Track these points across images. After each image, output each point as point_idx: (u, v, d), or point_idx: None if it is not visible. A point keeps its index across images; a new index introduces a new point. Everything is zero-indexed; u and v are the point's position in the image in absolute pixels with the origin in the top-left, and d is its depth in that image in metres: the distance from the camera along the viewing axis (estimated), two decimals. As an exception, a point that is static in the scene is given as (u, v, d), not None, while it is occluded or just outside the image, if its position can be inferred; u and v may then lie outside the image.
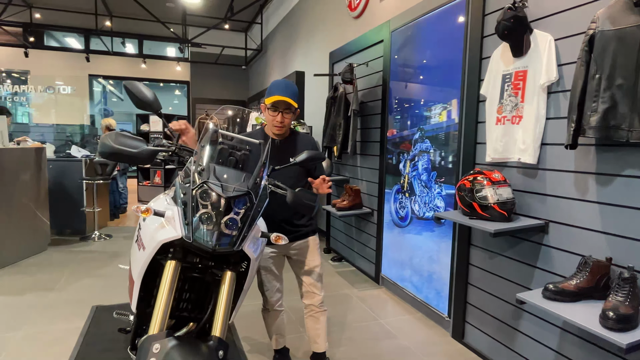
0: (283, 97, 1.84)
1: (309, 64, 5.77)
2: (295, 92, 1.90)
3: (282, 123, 1.91)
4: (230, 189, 1.28)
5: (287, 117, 1.90)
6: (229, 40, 9.28)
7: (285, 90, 1.87)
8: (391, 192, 3.43)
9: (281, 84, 1.91)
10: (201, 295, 1.52)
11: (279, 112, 1.89)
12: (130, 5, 7.74)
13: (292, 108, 1.90)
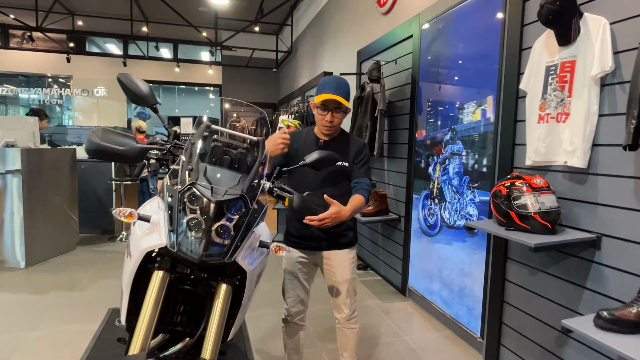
0: (333, 96, 1.71)
1: (337, 64, 5.60)
2: (347, 90, 1.78)
3: (331, 123, 1.77)
4: (221, 192, 1.12)
5: (337, 116, 1.77)
6: (260, 43, 9.29)
7: (337, 88, 1.74)
8: (419, 198, 3.19)
9: (332, 81, 1.78)
10: (198, 308, 1.38)
11: (328, 112, 1.76)
12: (165, 11, 7.89)
13: (343, 107, 1.76)
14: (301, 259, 1.91)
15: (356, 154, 1.85)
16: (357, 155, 1.85)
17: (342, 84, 1.78)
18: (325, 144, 1.84)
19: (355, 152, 1.85)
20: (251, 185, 1.20)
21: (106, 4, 8.07)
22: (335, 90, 1.73)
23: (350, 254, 1.90)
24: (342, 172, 1.83)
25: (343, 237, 1.87)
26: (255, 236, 1.27)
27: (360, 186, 1.82)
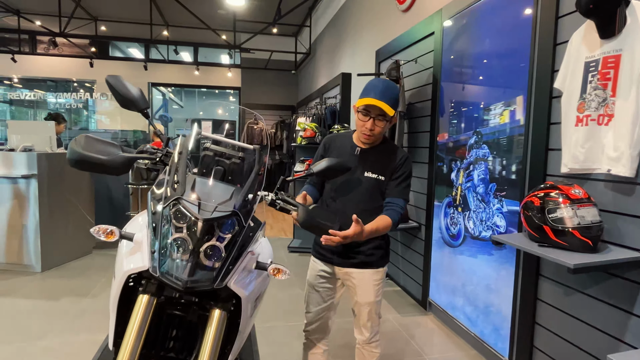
0: (376, 102, 1.53)
1: (356, 64, 5.44)
2: (394, 96, 1.59)
3: (371, 131, 1.60)
4: (210, 208, 0.99)
5: (379, 125, 1.59)
6: (278, 45, 9.22)
7: (382, 93, 1.55)
8: (441, 206, 2.99)
9: (378, 85, 1.59)
10: (192, 333, 1.25)
11: (370, 118, 1.58)
12: (185, 15, 7.91)
13: (387, 116, 1.58)
14: (323, 273, 1.77)
15: (395, 168, 1.66)
16: (395, 170, 1.66)
17: (389, 88, 1.59)
18: (362, 153, 1.68)
19: (395, 166, 1.66)
20: (245, 200, 1.06)
21: (128, 9, 8.17)
22: (381, 96, 1.55)
23: (376, 275, 1.71)
24: (376, 187, 1.65)
25: (369, 256, 1.70)
26: (252, 257, 1.13)
27: (391, 207, 1.63)
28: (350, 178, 1.66)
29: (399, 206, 1.64)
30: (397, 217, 1.62)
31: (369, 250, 1.69)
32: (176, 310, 1.14)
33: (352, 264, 1.71)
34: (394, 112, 1.57)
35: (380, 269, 1.73)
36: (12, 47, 9.28)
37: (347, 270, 1.72)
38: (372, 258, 1.70)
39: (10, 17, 8.30)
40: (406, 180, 1.69)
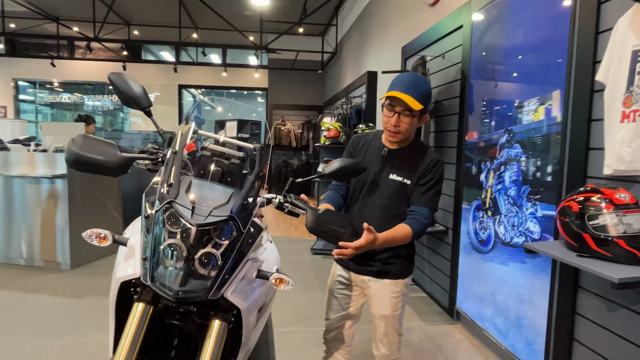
0: (400, 94, 1.40)
1: (382, 62, 5.29)
2: (422, 91, 1.44)
3: (396, 127, 1.46)
4: (204, 213, 0.92)
5: (404, 121, 1.44)
6: (305, 45, 9.17)
7: (408, 85, 1.42)
8: (470, 209, 2.81)
9: (406, 78, 1.47)
10: (194, 343, 1.18)
11: (394, 114, 1.45)
12: (213, 17, 8.00)
13: (415, 111, 1.43)
14: (341, 278, 1.67)
15: (423, 172, 1.50)
16: (423, 174, 1.50)
17: (417, 82, 1.46)
18: (389, 154, 1.55)
19: (423, 170, 1.50)
20: (244, 204, 0.97)
21: (159, 13, 8.35)
22: (406, 88, 1.41)
23: (395, 286, 1.57)
24: (401, 191, 1.52)
25: (387, 265, 1.56)
26: (252, 265, 1.04)
27: (414, 215, 1.48)
28: (375, 180, 1.55)
29: (423, 216, 1.49)
30: (419, 228, 1.47)
31: (387, 258, 1.57)
32: (175, 320, 1.07)
33: (369, 272, 1.60)
34: (421, 107, 1.42)
35: (399, 281, 1.59)
36: (52, 53, 9.71)
37: (363, 278, 1.62)
38: (391, 267, 1.57)
39: (50, 24, 8.67)
40: (435, 187, 1.53)
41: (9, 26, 8.94)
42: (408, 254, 1.62)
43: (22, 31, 8.96)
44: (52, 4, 8.11)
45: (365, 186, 1.57)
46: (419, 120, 1.51)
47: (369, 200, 1.57)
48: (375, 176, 1.56)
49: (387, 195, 1.54)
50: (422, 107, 1.44)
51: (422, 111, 1.47)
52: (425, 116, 1.52)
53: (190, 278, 0.91)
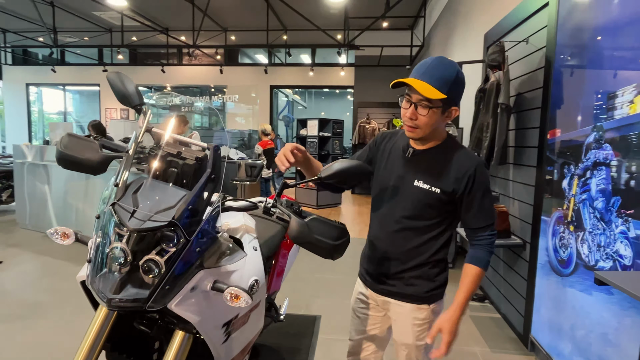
0: (414, 81, 1.16)
1: (466, 53, 4.81)
2: (445, 76, 1.17)
3: (412, 121, 1.22)
4: (144, 217, 0.85)
5: (422, 113, 1.19)
6: (392, 40, 8.86)
7: (427, 70, 1.17)
8: (549, 221, 2.36)
9: (427, 61, 1.21)
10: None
11: (410, 104, 1.21)
12: (302, 18, 8.18)
13: (434, 102, 1.17)
14: (362, 296, 1.49)
15: (463, 181, 1.24)
16: (469, 184, 1.23)
17: (440, 66, 1.18)
18: (414, 155, 1.31)
19: (461, 177, 1.23)
20: (190, 209, 0.88)
21: (251, 18, 8.82)
22: (422, 74, 1.17)
23: (419, 312, 1.34)
24: (426, 201, 1.27)
25: (408, 287, 1.34)
26: (207, 275, 0.95)
27: (477, 242, 1.27)
28: (397, 186, 1.33)
29: (487, 240, 1.26)
30: (488, 258, 1.26)
31: (409, 278, 1.34)
32: (142, 325, 1.04)
33: (388, 292, 1.39)
34: (442, 96, 1.15)
35: (424, 306, 1.34)
36: (163, 61, 10.94)
37: (384, 299, 1.41)
38: (413, 289, 1.34)
39: (161, 35, 9.76)
40: (488, 195, 1.27)
41: (131, 39, 10.31)
42: (436, 273, 1.36)
43: (140, 42, 10.25)
44: (163, 17, 9.11)
45: (386, 193, 1.36)
46: (443, 114, 1.23)
47: (389, 209, 1.35)
48: (398, 181, 1.33)
49: (411, 206, 1.30)
50: (445, 97, 1.16)
51: (446, 102, 1.19)
52: (453, 109, 1.24)
53: (130, 285, 0.86)
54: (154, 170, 0.99)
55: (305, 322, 2.85)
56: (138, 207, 0.88)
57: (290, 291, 3.47)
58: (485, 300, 3.36)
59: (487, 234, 1.27)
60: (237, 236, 1.18)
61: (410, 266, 1.33)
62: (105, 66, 10.26)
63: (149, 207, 0.89)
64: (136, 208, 0.87)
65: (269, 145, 6.14)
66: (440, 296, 1.39)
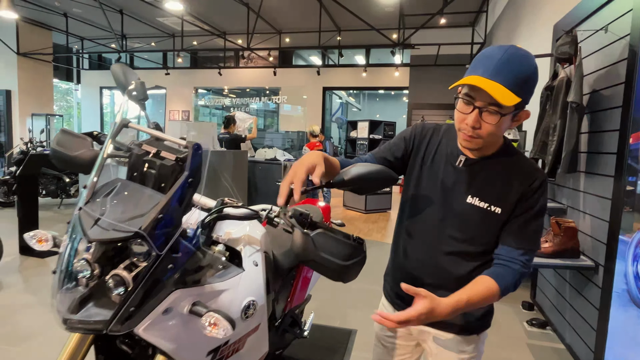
0: (484, 81, 0.90)
1: (532, 47, 4.33)
2: (522, 74, 0.92)
3: (475, 130, 0.97)
4: (109, 225, 0.73)
5: (490, 121, 0.94)
6: (450, 38, 8.39)
7: (498, 67, 0.90)
8: (630, 243, 1.97)
9: (495, 55, 0.93)
10: None
11: (473, 109, 0.95)
12: (355, 18, 8.01)
13: (506, 108, 0.92)
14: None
15: (522, 196, 1.02)
16: (522, 199, 1.02)
17: (514, 60, 0.91)
18: (467, 166, 1.07)
19: (523, 192, 1.01)
20: (166, 218, 0.75)
21: (305, 19, 8.80)
22: (495, 71, 0.90)
23: (466, 344, 1.13)
24: (484, 222, 1.04)
25: (456, 318, 1.07)
26: (184, 296, 0.81)
27: (504, 262, 1.01)
28: (444, 202, 1.09)
29: (519, 263, 1.00)
30: (511, 282, 0.99)
31: None
32: (124, 344, 0.92)
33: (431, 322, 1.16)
34: (517, 100, 0.90)
35: (472, 337, 1.13)
36: (220, 64, 11.30)
37: (421, 329, 1.19)
38: (463, 319, 1.11)
39: (219, 39, 10.07)
40: (538, 219, 1.03)
41: (192, 43, 10.76)
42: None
43: (199, 46, 10.66)
44: (220, 21, 9.39)
45: (429, 204, 1.11)
46: (512, 119, 0.99)
47: (433, 226, 1.10)
48: (445, 196, 1.08)
49: (463, 227, 1.06)
50: (520, 101, 0.91)
51: (518, 105, 0.92)
52: (524, 113, 0.99)
53: (93, 304, 0.74)
54: (130, 171, 0.88)
55: (338, 336, 2.67)
56: (105, 214, 0.77)
57: (326, 300, 3.30)
58: (547, 327, 2.95)
59: (520, 261, 1.00)
60: (238, 248, 1.04)
61: (454, 291, 1.10)
62: (167, 70, 10.80)
63: (117, 214, 0.77)
64: (100, 215, 0.76)
65: (317, 147, 6.04)
66: (489, 324, 1.17)
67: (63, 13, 9.08)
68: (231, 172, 4.79)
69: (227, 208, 0.99)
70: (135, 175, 0.91)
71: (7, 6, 6.08)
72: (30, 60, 9.50)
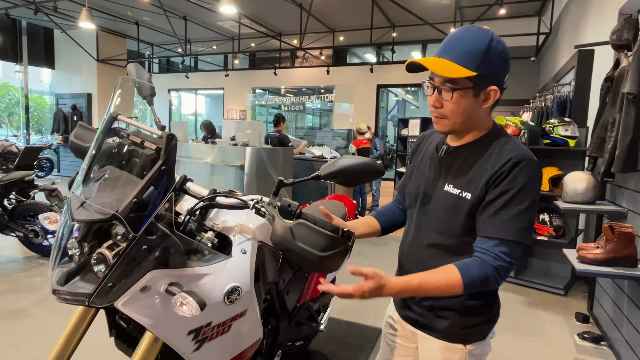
0: (430, 59, 0.94)
1: (602, 35, 3.94)
2: (472, 50, 0.92)
3: (437, 110, 0.99)
4: (92, 208, 0.80)
5: (447, 98, 0.95)
6: (513, 29, 7.87)
7: (446, 47, 0.95)
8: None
9: (454, 34, 0.97)
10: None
11: (433, 89, 0.98)
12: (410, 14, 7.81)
13: (460, 82, 0.93)
14: (391, 320, 1.26)
15: (492, 179, 0.95)
16: (493, 182, 0.95)
17: (461, 38, 0.94)
18: (447, 154, 1.06)
19: (492, 175, 0.95)
20: (136, 202, 0.81)
21: (359, 17, 8.75)
22: (443, 50, 0.95)
23: (450, 353, 1.06)
24: (458, 210, 1.00)
25: (439, 319, 1.07)
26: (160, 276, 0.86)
27: (478, 252, 0.95)
28: (427, 193, 1.08)
29: (494, 255, 0.92)
30: (478, 275, 0.91)
31: (439, 309, 1.06)
32: (122, 320, 1.00)
33: (415, 322, 1.13)
34: (469, 73, 0.91)
35: (459, 346, 1.05)
36: (276, 64, 11.61)
37: (412, 329, 1.16)
38: (445, 324, 1.06)
39: (275, 41, 10.36)
40: (514, 204, 0.92)
41: (250, 45, 11.18)
42: (480, 308, 1.05)
43: (257, 48, 11.05)
44: (276, 22, 9.65)
45: (418, 202, 1.11)
46: (477, 96, 0.95)
47: (418, 221, 1.11)
48: (428, 187, 1.08)
49: (441, 217, 1.04)
50: (475, 75, 0.91)
51: (478, 81, 0.92)
52: (491, 89, 0.95)
53: (79, 278, 0.82)
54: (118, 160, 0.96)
55: (368, 335, 2.64)
56: (92, 197, 0.85)
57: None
58: (602, 342, 2.68)
59: (494, 249, 0.92)
60: (231, 236, 1.08)
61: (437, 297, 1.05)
62: (227, 71, 11.33)
63: (103, 198, 0.85)
64: (86, 199, 0.84)
65: (364, 145, 5.99)
66: (482, 336, 1.07)
67: (135, 21, 9.89)
68: (280, 168, 4.93)
69: (220, 197, 1.04)
70: (123, 163, 0.99)
71: (86, 17, 6.77)
72: (108, 66, 10.48)
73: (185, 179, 1.09)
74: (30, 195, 3.75)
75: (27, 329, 2.55)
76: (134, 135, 1.01)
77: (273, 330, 1.43)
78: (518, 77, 8.78)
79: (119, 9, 8.93)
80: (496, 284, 0.94)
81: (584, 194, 2.77)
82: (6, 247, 4.12)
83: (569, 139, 3.39)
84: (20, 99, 12.44)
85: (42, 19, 9.07)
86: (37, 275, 3.43)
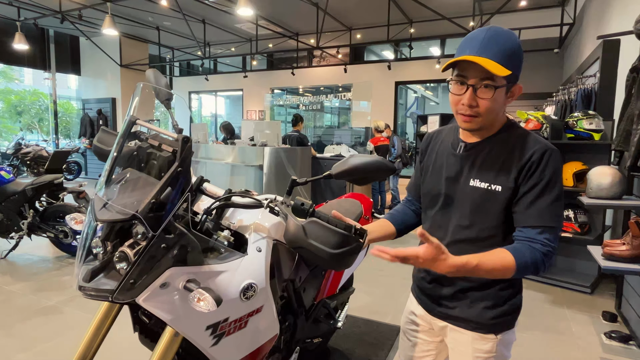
0: (473, 57, 0.93)
1: (626, 24, 3.80)
2: (507, 48, 0.95)
3: (472, 109, 0.98)
4: (113, 208, 0.84)
5: (485, 96, 0.96)
6: (534, 21, 7.67)
7: (484, 44, 0.95)
8: None
9: (478, 34, 0.97)
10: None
11: (467, 88, 0.98)
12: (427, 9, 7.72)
13: (499, 80, 0.95)
14: (414, 316, 1.27)
15: (523, 171, 0.98)
16: (525, 174, 0.98)
17: (498, 37, 0.96)
18: (467, 151, 1.07)
19: (522, 167, 0.98)
20: (155, 202, 0.84)
21: (375, 14, 8.71)
22: (481, 48, 0.94)
23: (482, 343, 1.09)
24: (488, 203, 1.02)
25: (471, 309, 1.08)
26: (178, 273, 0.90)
27: (524, 240, 0.97)
28: (450, 191, 1.10)
29: (541, 242, 0.95)
30: (529, 258, 0.94)
31: (473, 300, 1.08)
32: (144, 316, 1.05)
33: (447, 316, 1.14)
34: (507, 72, 0.94)
35: (490, 336, 1.08)
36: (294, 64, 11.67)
37: (442, 324, 1.17)
38: (477, 314, 1.08)
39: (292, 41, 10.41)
40: (548, 192, 0.96)
41: (268, 46, 11.27)
42: (509, 298, 1.08)
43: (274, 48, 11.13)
44: (292, 23, 9.70)
45: (439, 201, 1.13)
46: (506, 94, 1.00)
47: (442, 220, 1.12)
48: (450, 185, 1.10)
49: (468, 212, 1.06)
50: (510, 73, 0.95)
51: (509, 79, 0.97)
52: (516, 87, 1.00)
53: (104, 275, 0.87)
54: (138, 162, 1.00)
55: (387, 333, 2.64)
56: (113, 198, 0.89)
57: (382, 296, 3.28)
58: (630, 342, 2.60)
59: (539, 237, 0.95)
60: (246, 234, 1.11)
61: (475, 285, 1.08)
62: (245, 72, 11.46)
63: (124, 199, 0.89)
64: (108, 200, 0.89)
65: (382, 142, 5.96)
66: (510, 324, 1.10)
67: (156, 27, 10.13)
68: (298, 168, 4.97)
69: (235, 196, 1.07)
70: (143, 165, 1.03)
71: (109, 24, 6.99)
72: (131, 70, 10.77)
73: (202, 179, 1.13)
74: (59, 197, 3.92)
75: (58, 325, 2.67)
76: (152, 139, 1.06)
77: (290, 327, 1.45)
78: (541, 70, 8.58)
79: (140, 15, 9.17)
80: (544, 269, 0.97)
81: (609, 189, 2.69)
82: (38, 247, 4.31)
83: (594, 133, 3.29)
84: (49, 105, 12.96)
85: (68, 27, 9.40)
86: (67, 274, 3.57)
